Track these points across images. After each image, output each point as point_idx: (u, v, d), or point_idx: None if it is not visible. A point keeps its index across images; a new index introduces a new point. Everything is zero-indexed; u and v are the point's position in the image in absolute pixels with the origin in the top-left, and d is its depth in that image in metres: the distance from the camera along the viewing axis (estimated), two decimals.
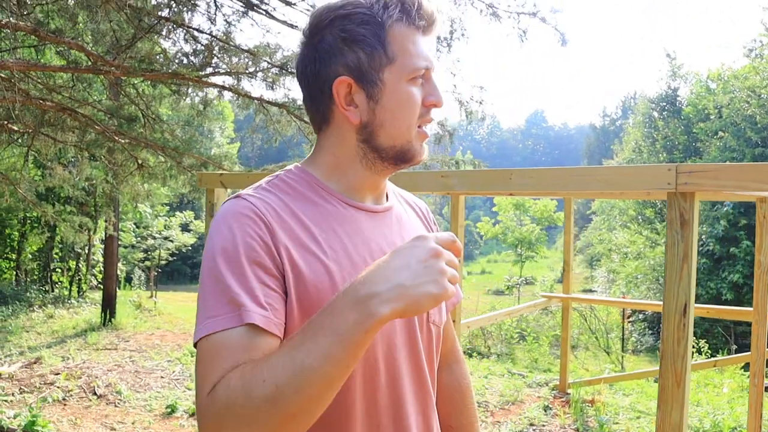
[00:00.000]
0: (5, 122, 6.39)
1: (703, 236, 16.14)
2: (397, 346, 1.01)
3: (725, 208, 15.88)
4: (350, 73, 0.98)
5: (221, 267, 0.88)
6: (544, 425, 5.29)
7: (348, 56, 0.97)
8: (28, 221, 13.87)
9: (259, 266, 0.88)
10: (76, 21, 5.41)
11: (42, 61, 6.08)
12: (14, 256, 14.66)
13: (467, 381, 1.32)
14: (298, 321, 0.90)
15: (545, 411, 5.66)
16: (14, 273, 14.46)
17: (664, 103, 22.10)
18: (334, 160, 1.04)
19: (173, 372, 7.04)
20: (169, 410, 5.56)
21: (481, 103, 6.50)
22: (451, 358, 1.31)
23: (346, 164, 1.04)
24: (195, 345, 0.86)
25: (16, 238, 14.49)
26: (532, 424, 5.30)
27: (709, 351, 9.77)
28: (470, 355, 9.44)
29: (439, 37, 6.08)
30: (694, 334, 11.63)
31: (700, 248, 16.08)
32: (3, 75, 5.16)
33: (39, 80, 6.14)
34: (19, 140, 7.45)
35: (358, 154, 1.02)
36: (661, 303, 2.10)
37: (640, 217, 20.51)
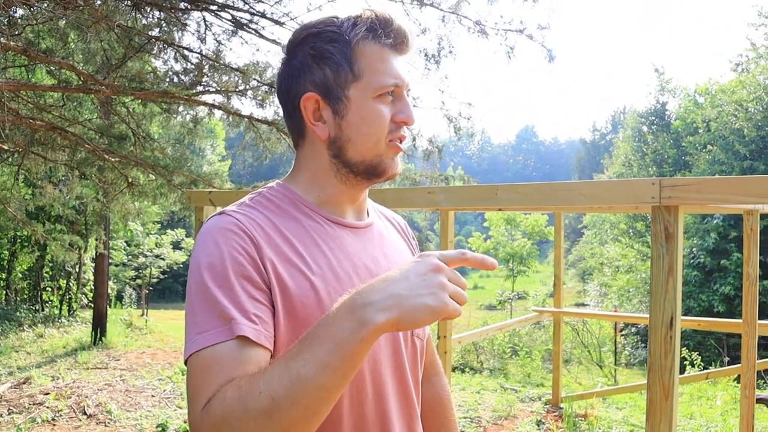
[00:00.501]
0: None
1: (694, 249, 16.23)
2: (382, 360, 1.02)
3: (715, 221, 15.99)
4: (317, 89, 1.00)
5: (209, 282, 0.87)
6: None
7: (316, 73, 1.00)
8: (18, 240, 13.78)
9: (247, 280, 0.88)
10: (66, 41, 5.43)
11: (32, 80, 6.09)
12: (4, 275, 14.53)
13: (447, 393, 1.33)
14: (285, 336, 0.90)
15: (538, 426, 5.64)
16: (4, 292, 14.32)
17: (653, 117, 22.32)
18: (311, 175, 1.06)
19: (164, 391, 6.98)
20: (159, 429, 5.51)
21: (469, 119, 6.55)
22: (430, 371, 1.32)
23: (322, 179, 1.05)
24: (186, 362, 0.85)
25: (6, 257, 14.38)
26: None
27: (702, 363, 9.78)
28: (462, 371, 9.42)
29: (427, 54, 6.14)
30: (687, 346, 11.66)
31: (691, 261, 16.15)
32: None
33: (29, 99, 6.15)
34: (10, 159, 7.44)
35: (331, 168, 1.04)
36: (649, 316, 2.11)
37: (631, 231, 20.60)
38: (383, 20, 1.00)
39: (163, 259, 18.38)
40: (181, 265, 19.52)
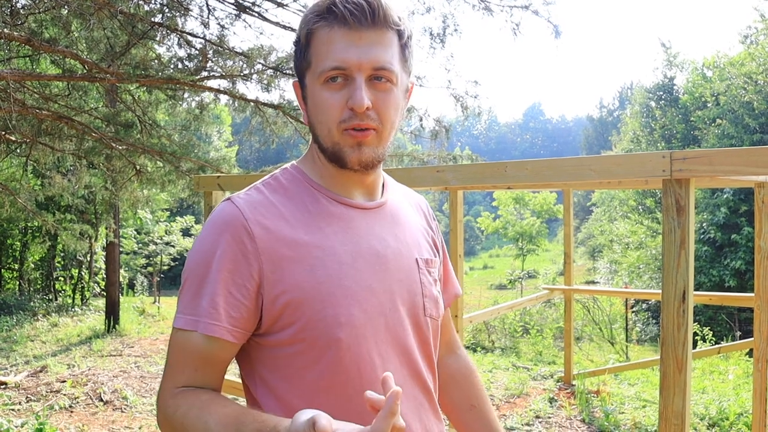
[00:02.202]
0: (3, 133, 6.40)
1: (704, 224, 16.13)
2: (388, 339, 1.02)
3: (725, 195, 15.87)
4: (297, 76, 1.05)
5: (196, 271, 0.98)
6: (550, 417, 5.30)
7: (294, 60, 1.05)
8: (30, 231, 13.88)
9: (230, 276, 0.95)
10: (69, 29, 5.41)
11: (37, 70, 6.08)
12: (17, 266, 14.67)
13: (472, 365, 1.36)
14: (279, 321, 0.97)
15: (551, 403, 5.67)
16: (17, 283, 14.47)
17: (661, 93, 22.06)
18: (312, 157, 1.08)
19: None
20: None
21: (476, 97, 6.50)
22: (453, 346, 1.34)
23: (320, 161, 1.06)
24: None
25: (18, 248, 14.50)
26: (538, 417, 5.31)
27: (714, 338, 9.76)
28: (474, 350, 9.45)
29: (432, 33, 6.09)
30: (698, 322, 11.65)
31: (702, 236, 16.06)
32: None
33: (35, 90, 6.15)
34: (18, 150, 7.46)
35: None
36: (661, 291, 2.10)
37: (640, 207, 20.49)
38: (333, 1, 0.95)
39: (173, 246, 18.46)
40: None
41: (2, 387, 6.39)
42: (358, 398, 0.95)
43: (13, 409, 5.64)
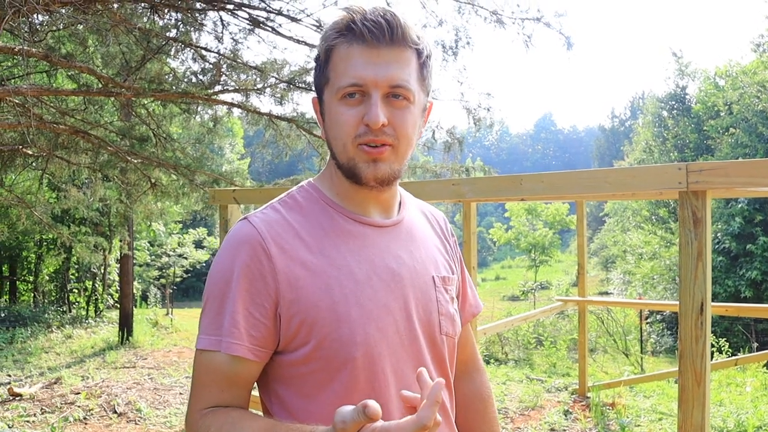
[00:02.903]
0: (20, 147, 6.49)
1: (719, 234, 16.01)
2: (404, 358, 1.02)
3: (740, 205, 15.74)
4: (316, 91, 1.06)
5: (216, 292, 0.99)
6: (565, 430, 5.26)
7: (314, 76, 1.06)
8: (45, 243, 14.01)
9: (250, 295, 0.96)
10: (86, 45, 5.49)
11: (54, 85, 6.17)
12: (31, 278, 14.80)
13: (488, 389, 1.32)
14: (295, 339, 0.98)
15: (565, 415, 5.62)
16: (32, 295, 14.59)
17: (673, 102, 21.99)
18: (330, 174, 1.09)
19: None
20: None
21: (488, 109, 6.51)
22: (471, 367, 1.32)
23: (337, 178, 1.07)
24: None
25: (33, 260, 14.64)
26: (553, 429, 5.27)
27: (730, 350, 9.66)
28: (488, 362, 9.40)
29: (444, 46, 6.11)
30: (714, 333, 11.51)
31: (716, 246, 15.93)
32: (17, 101, 5.25)
33: (52, 104, 6.23)
34: (34, 164, 7.56)
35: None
36: (679, 303, 2.09)
37: (653, 218, 20.38)
38: (353, 19, 0.97)
39: (185, 258, 18.55)
40: (204, 264, 19.68)
41: (18, 398, 6.43)
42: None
43: (28, 421, 5.67)
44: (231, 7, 5.46)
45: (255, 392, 1.12)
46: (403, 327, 1.03)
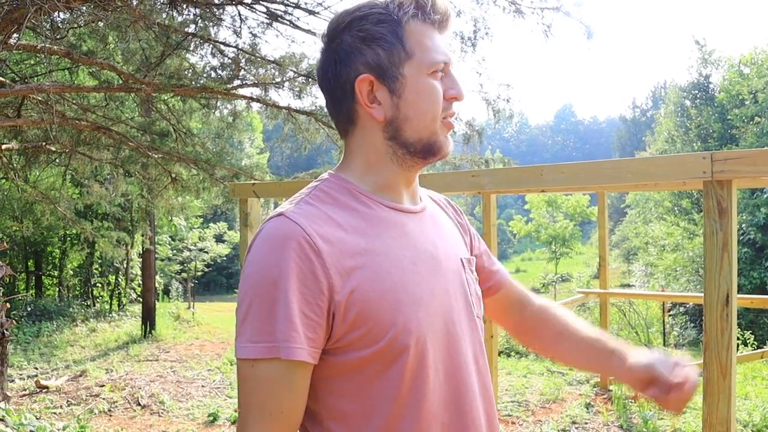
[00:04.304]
0: (43, 143, 6.58)
1: (744, 225, 15.75)
2: (448, 342, 1.03)
3: (765, 195, 15.48)
4: (371, 70, 0.99)
5: (264, 296, 0.91)
6: (587, 423, 5.22)
7: (367, 54, 0.99)
8: (68, 238, 14.22)
9: (303, 296, 0.91)
10: (106, 42, 5.54)
11: (76, 82, 6.23)
12: (56, 273, 15.04)
13: (549, 301, 1.37)
14: (350, 333, 0.94)
15: (587, 408, 5.58)
16: (57, 289, 14.83)
17: (696, 91, 21.64)
18: (365, 161, 1.05)
19: (214, 381, 7.14)
20: (211, 418, 5.64)
21: (508, 101, 6.46)
22: (527, 301, 1.35)
23: (377, 164, 1.04)
24: (237, 358, 0.94)
25: (58, 256, 14.87)
26: (574, 422, 5.24)
27: (756, 342, 9.52)
28: (508, 355, 9.37)
29: (463, 37, 6.07)
30: (739, 325, 11.35)
31: (741, 237, 15.69)
32: (40, 98, 5.32)
33: (74, 101, 6.31)
34: (57, 160, 7.66)
35: (387, 152, 1.03)
36: (702, 294, 2.06)
37: (676, 209, 20.12)
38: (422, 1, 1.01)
39: (206, 252, 18.73)
40: (225, 258, 19.87)
41: (45, 391, 6.54)
42: (426, 404, 0.97)
43: (54, 413, 5.77)
44: (249, 1, 5.47)
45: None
46: (447, 311, 1.03)
